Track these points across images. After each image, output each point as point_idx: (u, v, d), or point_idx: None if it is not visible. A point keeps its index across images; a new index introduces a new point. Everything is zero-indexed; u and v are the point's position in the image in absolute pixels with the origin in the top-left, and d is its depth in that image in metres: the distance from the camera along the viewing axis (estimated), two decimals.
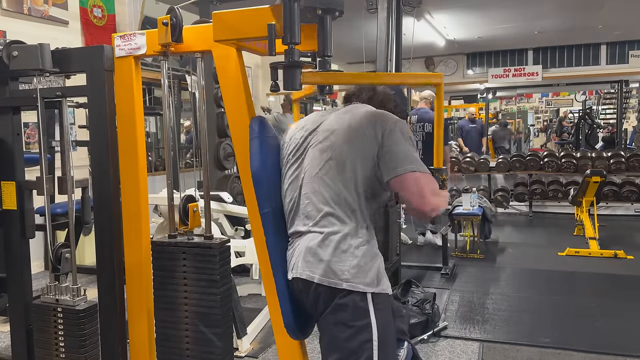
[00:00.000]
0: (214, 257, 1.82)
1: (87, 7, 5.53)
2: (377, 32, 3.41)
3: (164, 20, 1.77)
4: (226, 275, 1.87)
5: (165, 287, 1.88)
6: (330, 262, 1.52)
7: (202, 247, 1.85)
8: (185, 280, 1.85)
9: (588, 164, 7.02)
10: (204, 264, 1.83)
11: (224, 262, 1.86)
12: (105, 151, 1.98)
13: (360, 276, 1.51)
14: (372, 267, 1.54)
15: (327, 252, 1.53)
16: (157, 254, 1.90)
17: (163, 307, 1.89)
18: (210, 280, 1.82)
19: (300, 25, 1.47)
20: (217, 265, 1.82)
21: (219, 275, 1.82)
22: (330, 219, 1.55)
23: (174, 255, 1.87)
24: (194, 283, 1.84)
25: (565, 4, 7.14)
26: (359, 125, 1.60)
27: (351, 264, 1.51)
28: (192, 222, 1.96)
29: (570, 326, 3.37)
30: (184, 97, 6.45)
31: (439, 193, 1.58)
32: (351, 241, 1.53)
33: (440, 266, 4.60)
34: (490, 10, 7.47)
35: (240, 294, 3.81)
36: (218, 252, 1.83)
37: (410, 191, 1.52)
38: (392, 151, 1.54)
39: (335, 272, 1.51)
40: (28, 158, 2.42)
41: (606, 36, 9.50)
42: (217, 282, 1.81)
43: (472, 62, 11.05)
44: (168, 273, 1.88)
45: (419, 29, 7.54)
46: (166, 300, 1.88)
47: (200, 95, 1.94)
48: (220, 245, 1.85)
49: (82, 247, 4.52)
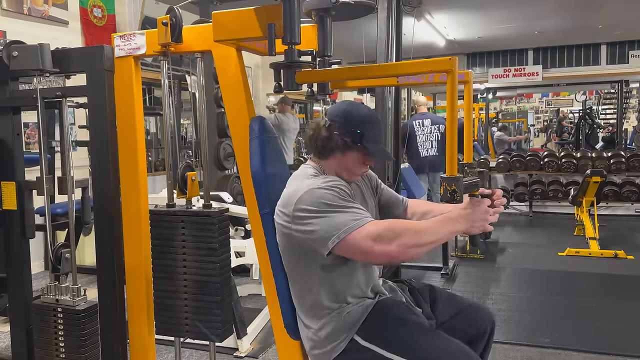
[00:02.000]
0: (213, 225, 1.82)
1: (87, 7, 5.53)
2: (377, 32, 3.41)
3: (164, 20, 1.77)
4: (225, 244, 1.87)
5: (163, 256, 1.88)
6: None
7: (200, 216, 1.84)
8: (184, 250, 1.85)
9: (588, 164, 7.02)
10: (202, 232, 1.83)
11: (222, 230, 1.86)
12: (105, 151, 1.98)
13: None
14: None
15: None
16: (155, 223, 1.90)
17: (162, 276, 1.89)
18: (209, 248, 1.82)
19: (300, 25, 1.47)
20: (215, 234, 1.81)
21: (217, 244, 1.82)
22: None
23: (173, 224, 1.86)
24: (193, 252, 1.84)
25: (565, 4, 7.13)
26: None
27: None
28: (191, 192, 1.95)
29: (571, 326, 3.36)
30: (184, 97, 6.45)
31: (389, 236, 1.40)
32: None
33: (440, 266, 4.60)
34: (490, 10, 7.46)
35: (240, 294, 3.80)
36: (217, 220, 1.83)
37: (354, 256, 1.48)
38: (309, 237, 1.48)
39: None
40: (28, 158, 2.42)
41: (606, 36, 9.49)
42: (216, 250, 1.81)
43: (472, 62, 11.04)
44: (166, 242, 1.87)
45: (419, 29, 7.53)
46: (165, 270, 1.88)
47: (200, 95, 1.94)
48: (219, 214, 1.84)
49: (82, 247, 4.52)
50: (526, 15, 7.70)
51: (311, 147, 1.68)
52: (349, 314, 1.56)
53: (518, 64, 10.66)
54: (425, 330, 1.54)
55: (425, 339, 1.50)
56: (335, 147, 1.61)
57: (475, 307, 1.78)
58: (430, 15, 7.57)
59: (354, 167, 1.65)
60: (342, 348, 1.54)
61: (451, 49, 9.93)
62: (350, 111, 1.63)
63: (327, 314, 1.57)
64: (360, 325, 1.54)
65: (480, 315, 1.74)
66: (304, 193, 1.50)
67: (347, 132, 1.59)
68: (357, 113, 1.62)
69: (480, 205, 1.46)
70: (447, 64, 1.38)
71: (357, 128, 1.59)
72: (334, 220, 1.44)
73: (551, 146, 14.41)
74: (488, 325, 1.73)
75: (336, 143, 1.60)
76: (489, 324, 1.73)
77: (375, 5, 1.62)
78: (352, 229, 1.42)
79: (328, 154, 1.63)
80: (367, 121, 1.62)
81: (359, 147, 1.60)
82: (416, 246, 1.41)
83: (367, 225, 1.42)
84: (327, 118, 1.65)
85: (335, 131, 1.61)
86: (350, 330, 1.54)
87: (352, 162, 1.63)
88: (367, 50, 3.54)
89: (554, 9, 7.41)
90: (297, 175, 1.66)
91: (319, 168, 1.67)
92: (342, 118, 1.62)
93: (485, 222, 1.45)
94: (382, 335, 1.51)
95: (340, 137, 1.60)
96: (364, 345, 1.52)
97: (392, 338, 1.50)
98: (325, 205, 1.46)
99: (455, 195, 1.39)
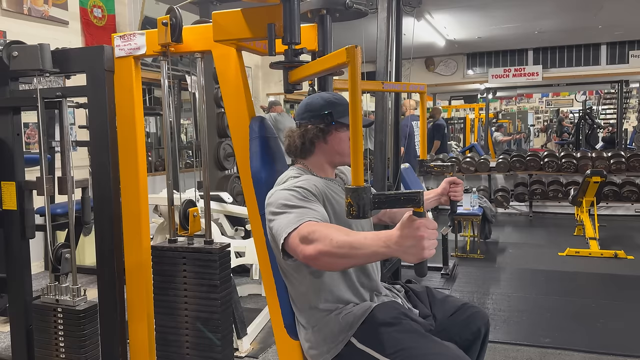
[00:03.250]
0: (214, 262, 1.82)
1: (87, 7, 5.53)
2: (377, 32, 3.40)
3: (164, 20, 1.77)
4: (226, 280, 1.87)
5: (165, 292, 1.88)
6: None
7: (202, 252, 1.84)
8: (185, 285, 1.85)
9: (588, 164, 7.02)
10: (204, 269, 1.83)
11: (224, 266, 1.86)
12: (105, 151, 1.98)
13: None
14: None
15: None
16: (157, 259, 1.90)
17: (163, 311, 1.89)
18: (211, 285, 1.82)
19: (300, 25, 1.47)
20: (217, 270, 1.82)
21: (219, 280, 1.82)
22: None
23: (174, 260, 1.86)
24: (194, 288, 1.84)
25: (565, 4, 7.14)
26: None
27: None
28: (193, 227, 1.97)
29: (571, 326, 3.36)
30: (184, 97, 6.44)
31: (309, 239, 1.31)
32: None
33: (441, 266, 4.60)
34: (490, 10, 7.46)
35: (240, 294, 3.81)
36: (218, 256, 1.83)
37: (296, 257, 1.39)
38: (271, 239, 1.50)
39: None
40: (28, 158, 2.42)
41: (606, 36, 9.49)
42: (217, 287, 1.81)
43: (472, 62, 11.04)
44: (168, 278, 1.87)
45: (419, 29, 7.54)
46: (166, 305, 1.88)
47: (200, 95, 1.94)
48: (221, 250, 1.84)
49: (82, 247, 4.52)
50: (526, 15, 7.71)
51: (293, 152, 1.69)
52: (346, 316, 1.56)
53: (518, 64, 10.66)
54: (421, 335, 1.52)
55: (420, 344, 1.48)
56: (314, 138, 1.63)
57: (469, 307, 1.76)
58: (430, 15, 7.57)
59: (342, 147, 1.65)
60: (339, 350, 1.54)
61: (451, 49, 9.93)
62: (310, 102, 1.67)
63: (325, 316, 1.57)
64: (357, 328, 1.54)
65: (475, 316, 1.73)
66: (272, 195, 1.52)
67: (317, 118, 1.62)
68: (317, 100, 1.65)
69: (411, 226, 1.13)
70: (343, 56, 1.21)
71: (324, 110, 1.61)
72: (284, 220, 1.41)
73: (551, 146, 14.41)
74: (483, 326, 1.72)
75: (314, 134, 1.62)
76: (484, 324, 1.73)
77: (367, 11, 1.62)
78: (294, 229, 1.37)
79: (312, 149, 1.65)
80: (329, 101, 1.64)
81: (334, 125, 1.62)
82: (329, 255, 1.26)
83: (303, 225, 1.36)
84: (296, 121, 1.68)
85: (308, 125, 1.63)
86: (348, 332, 1.54)
87: (338, 143, 1.64)
88: (367, 50, 3.53)
89: (554, 9, 7.41)
90: (279, 179, 1.66)
91: (303, 168, 1.68)
92: (308, 112, 1.65)
93: (419, 249, 1.13)
94: (379, 339, 1.51)
95: (315, 127, 1.62)
96: (360, 348, 1.51)
97: (388, 342, 1.49)
98: (283, 206, 1.45)
99: (352, 210, 1.16)
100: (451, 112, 13.99)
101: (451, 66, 11.05)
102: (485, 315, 1.77)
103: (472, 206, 5.23)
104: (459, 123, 12.99)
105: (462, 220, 5.47)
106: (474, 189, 5.74)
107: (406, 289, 1.81)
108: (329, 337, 1.56)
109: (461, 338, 1.66)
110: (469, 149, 10.25)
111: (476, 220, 5.32)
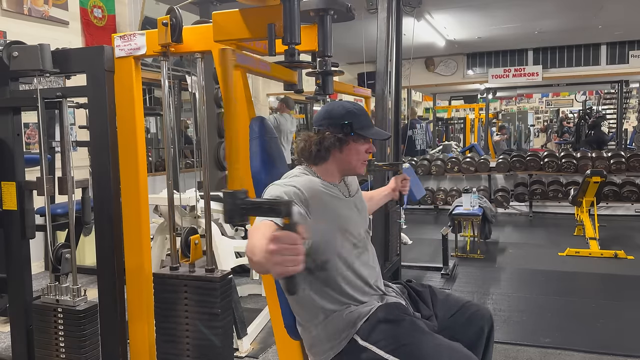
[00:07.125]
0: (215, 290, 1.82)
1: (87, 7, 5.53)
2: (377, 32, 3.40)
3: (164, 20, 1.77)
4: (227, 308, 1.87)
5: (166, 320, 1.88)
6: None
7: (203, 281, 1.84)
8: (186, 314, 1.85)
9: (588, 164, 7.02)
10: (205, 297, 1.83)
11: (225, 295, 1.86)
12: (105, 151, 1.98)
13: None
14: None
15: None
16: (158, 287, 1.90)
17: (165, 339, 1.89)
18: (212, 313, 1.82)
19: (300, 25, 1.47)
20: (218, 299, 1.82)
21: (220, 309, 1.82)
22: None
23: (175, 288, 1.86)
24: (196, 316, 1.84)
25: (565, 4, 7.13)
26: None
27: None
28: (194, 255, 1.98)
29: (571, 326, 3.36)
30: (184, 97, 6.45)
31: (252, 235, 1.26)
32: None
33: (441, 266, 4.60)
34: (490, 10, 7.46)
35: (240, 294, 3.80)
36: (219, 285, 1.83)
37: None
38: None
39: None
40: (28, 158, 2.42)
41: (606, 36, 9.48)
42: (218, 315, 1.82)
43: (472, 63, 11.03)
44: (169, 306, 1.87)
45: (419, 29, 7.53)
46: (168, 333, 1.88)
47: (200, 96, 1.94)
48: (222, 279, 1.84)
49: (82, 247, 4.52)
50: (526, 15, 7.70)
51: (306, 157, 1.69)
52: (350, 314, 1.56)
53: (518, 64, 10.65)
54: (424, 333, 1.53)
55: (423, 341, 1.49)
56: (331, 146, 1.63)
57: (471, 306, 1.76)
58: (430, 16, 7.57)
59: (355, 157, 1.66)
60: (342, 347, 1.54)
61: (451, 49, 9.93)
62: (331, 109, 1.67)
63: (328, 315, 1.58)
64: (360, 326, 1.54)
65: (477, 314, 1.73)
66: (266, 190, 1.56)
67: (337, 127, 1.62)
68: (338, 109, 1.66)
69: (279, 239, 0.99)
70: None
71: (344, 120, 1.62)
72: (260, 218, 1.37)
73: (551, 146, 14.41)
74: (486, 323, 1.72)
75: (331, 142, 1.63)
76: (487, 322, 1.73)
77: (354, 14, 1.62)
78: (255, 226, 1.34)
79: (327, 156, 1.65)
80: (350, 112, 1.65)
81: (352, 136, 1.63)
82: (249, 254, 1.19)
83: (261, 223, 1.31)
84: (314, 126, 1.68)
85: (326, 132, 1.64)
86: (351, 330, 1.54)
87: (353, 153, 1.66)
88: (367, 50, 3.53)
89: (554, 9, 7.40)
90: (284, 176, 1.68)
91: (310, 170, 1.68)
92: (327, 119, 1.65)
93: (280, 266, 0.99)
94: (381, 335, 1.51)
95: (333, 135, 1.63)
96: (363, 345, 1.52)
97: (390, 339, 1.50)
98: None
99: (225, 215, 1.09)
100: (451, 112, 14.00)
101: (451, 66, 11.05)
102: (488, 313, 1.76)
103: (472, 206, 5.23)
104: (459, 123, 13.00)
105: (462, 220, 5.47)
106: (474, 189, 5.74)
107: (408, 289, 1.81)
108: (332, 335, 1.56)
109: (464, 337, 1.66)
110: (469, 149, 10.26)
111: (476, 221, 5.32)
